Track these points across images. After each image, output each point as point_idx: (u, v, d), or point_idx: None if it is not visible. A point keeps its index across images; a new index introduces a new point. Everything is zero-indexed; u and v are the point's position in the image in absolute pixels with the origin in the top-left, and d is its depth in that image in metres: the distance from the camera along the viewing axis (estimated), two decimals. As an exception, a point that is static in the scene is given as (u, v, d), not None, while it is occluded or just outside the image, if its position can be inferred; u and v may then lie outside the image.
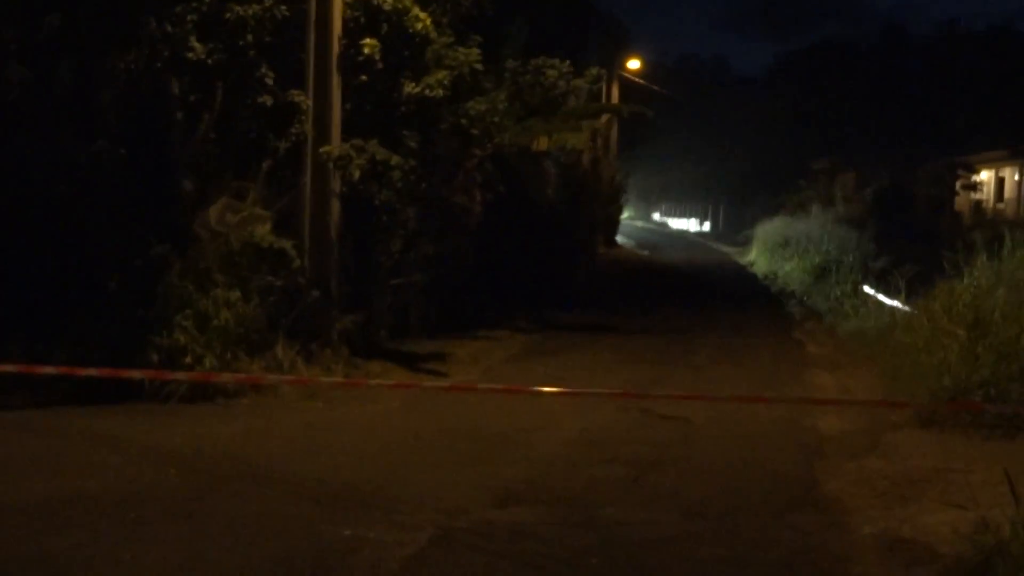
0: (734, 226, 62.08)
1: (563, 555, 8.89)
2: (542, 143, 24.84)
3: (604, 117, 35.47)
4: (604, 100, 40.40)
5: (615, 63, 47.55)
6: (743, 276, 44.69)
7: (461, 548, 8.96)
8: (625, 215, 62.77)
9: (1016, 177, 50.56)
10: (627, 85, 51.88)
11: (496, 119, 21.65)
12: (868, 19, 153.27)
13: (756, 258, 48.68)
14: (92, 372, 12.95)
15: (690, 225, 77.20)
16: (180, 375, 14.63)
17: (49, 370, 13.39)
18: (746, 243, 55.48)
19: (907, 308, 19.91)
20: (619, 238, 50.56)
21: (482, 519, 9.84)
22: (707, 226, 73.08)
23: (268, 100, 18.60)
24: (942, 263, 19.47)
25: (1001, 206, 50.92)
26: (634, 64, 52.70)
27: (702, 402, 15.84)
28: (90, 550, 8.59)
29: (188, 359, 15.84)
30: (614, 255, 49.85)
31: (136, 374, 13.82)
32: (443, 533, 9.28)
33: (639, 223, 76.15)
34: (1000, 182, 52.52)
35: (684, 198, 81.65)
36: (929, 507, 10.33)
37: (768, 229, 50.78)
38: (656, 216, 78.25)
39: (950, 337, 15.92)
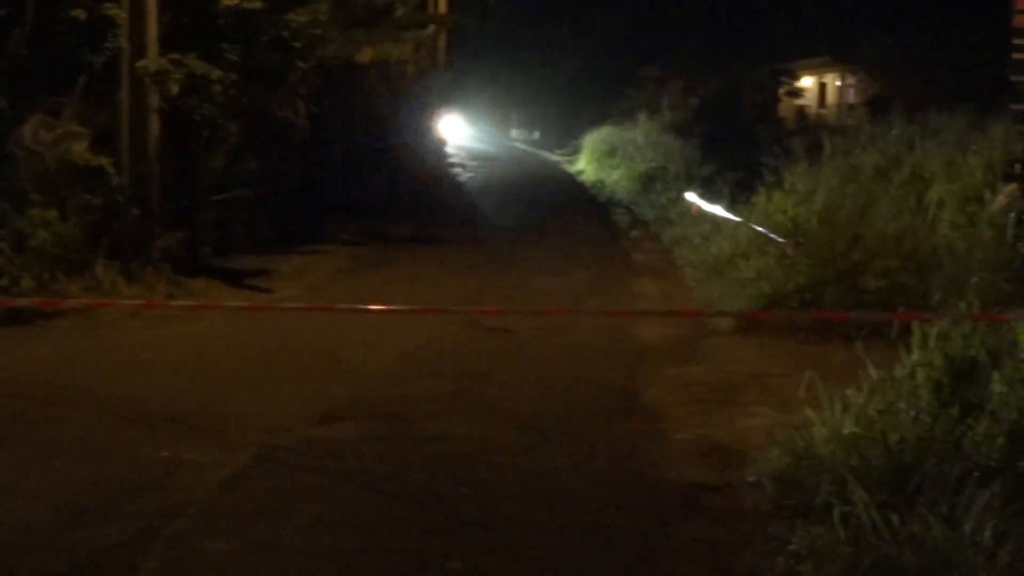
0: (564, 135, 62.15)
1: (384, 470, 8.93)
2: (366, 55, 24.61)
3: (431, 28, 35.16)
4: (431, 9, 39.99)
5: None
6: (570, 185, 44.79)
7: (281, 466, 8.95)
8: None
9: (837, 83, 51.46)
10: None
11: (318, 31, 21.40)
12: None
13: (585, 167, 48.83)
14: None
15: (521, 135, 77.10)
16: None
17: None
18: (575, 152, 55.65)
19: (729, 215, 20.20)
20: (450, 150, 50.35)
21: (304, 437, 9.84)
22: (537, 135, 72.99)
23: (81, 14, 18.12)
24: (763, 170, 19.83)
25: (824, 111, 51.82)
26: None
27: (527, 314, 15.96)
28: None
29: (4, 281, 15.48)
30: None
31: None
32: (264, 452, 9.26)
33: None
34: (822, 88, 53.41)
35: (515, 108, 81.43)
36: (745, 412, 10.56)
37: (596, 138, 50.98)
38: (513, 133, 77.93)
39: (768, 244, 16.24)
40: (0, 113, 17.52)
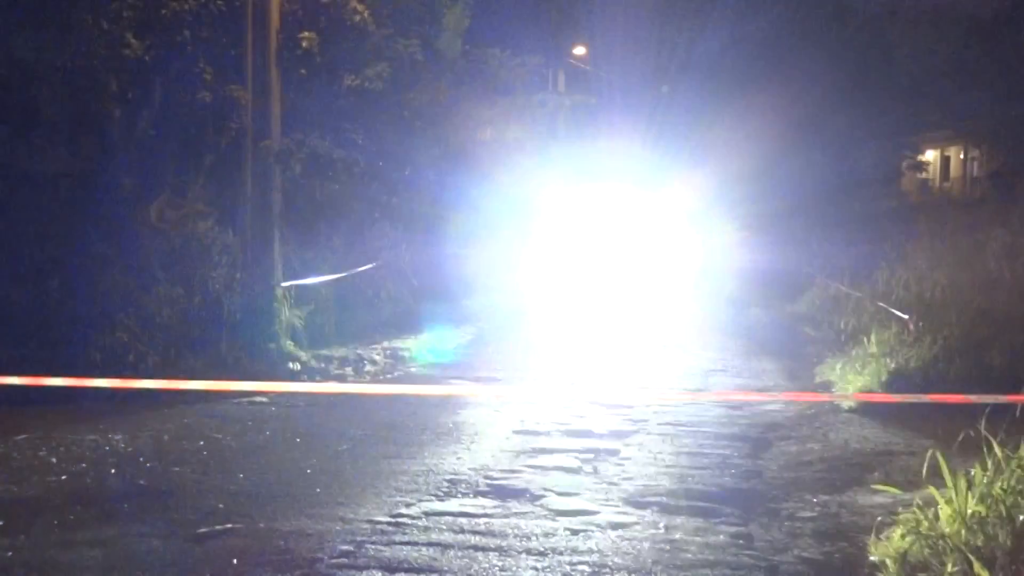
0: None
1: (506, 545, 8.89)
2: (485, 133, 24.86)
3: (548, 105, 35.44)
4: (550, 88, 40.33)
5: (561, 50, 47.46)
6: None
7: (402, 540, 8.95)
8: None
9: (961, 156, 50.90)
10: (574, 72, 51.75)
11: (439, 110, 21.66)
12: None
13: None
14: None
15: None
16: (102, 382, 14.35)
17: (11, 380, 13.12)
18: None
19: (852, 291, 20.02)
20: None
21: (425, 510, 9.84)
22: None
23: (207, 96, 18.53)
24: (887, 245, 19.64)
25: (947, 185, 51.26)
26: (580, 51, 52.57)
27: (649, 395, 15.93)
28: (29, 552, 8.57)
29: (131, 357, 15.76)
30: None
31: (58, 382, 13.50)
32: (386, 525, 9.28)
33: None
34: (945, 161, 52.88)
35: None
36: (867, 489, 10.40)
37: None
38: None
39: (891, 319, 16.06)
40: (127, 192, 17.91)
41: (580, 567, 8.40)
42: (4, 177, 17.07)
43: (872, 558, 8.43)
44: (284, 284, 18.66)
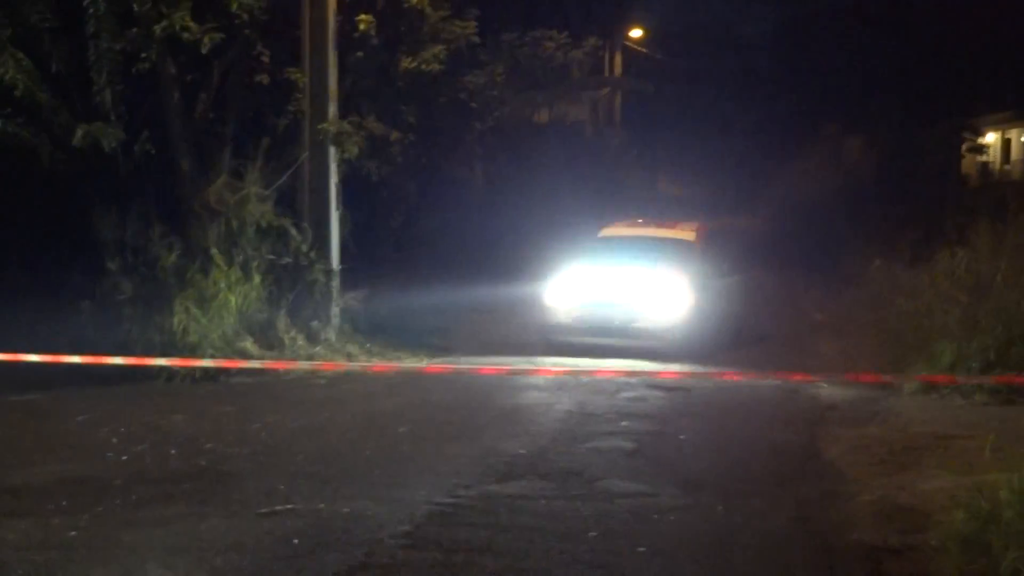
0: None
1: (562, 528, 8.87)
2: (542, 116, 24.80)
3: (604, 89, 35.34)
4: (606, 71, 40.20)
5: (617, 32, 47.27)
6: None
7: (459, 523, 8.94)
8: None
9: (1022, 139, 50.41)
10: (632, 54, 51.53)
11: (495, 92, 21.63)
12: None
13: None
14: (76, 359, 13.01)
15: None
16: (165, 361, 14.50)
17: (74, 359, 13.26)
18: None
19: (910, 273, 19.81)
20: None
21: (482, 493, 9.84)
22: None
23: (265, 78, 18.62)
24: (946, 227, 19.45)
25: (1008, 168, 50.78)
26: (637, 33, 52.29)
27: (707, 376, 15.88)
28: (92, 531, 8.64)
29: (192, 338, 15.88)
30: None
31: (118, 360, 13.64)
32: (442, 508, 9.29)
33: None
34: (1006, 144, 52.38)
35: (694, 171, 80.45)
36: (928, 473, 10.33)
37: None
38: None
39: (951, 302, 15.91)
40: (186, 175, 18.02)
41: (638, 550, 8.38)
42: (66, 162, 17.25)
43: (933, 542, 8.36)
44: (341, 266, 18.73)
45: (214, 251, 16.84)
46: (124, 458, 11.12)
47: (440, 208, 22.47)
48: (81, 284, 16.55)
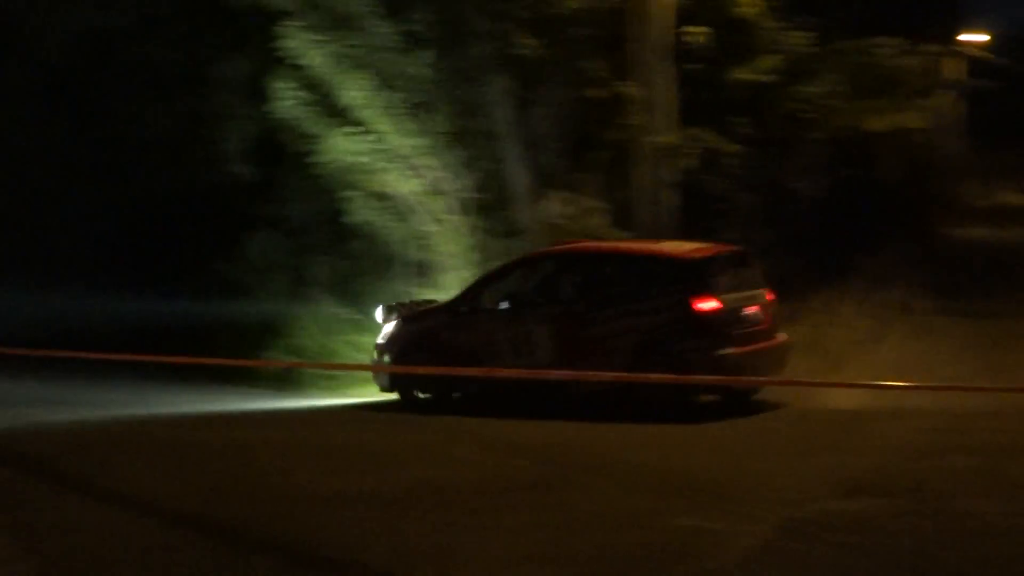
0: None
1: (912, 546, 8.57)
2: (878, 124, 24.16)
3: (944, 95, 34.17)
4: (944, 74, 38.85)
5: (954, 37, 45.55)
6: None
7: (804, 539, 8.72)
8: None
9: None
10: (973, 61, 49.52)
11: (833, 102, 21.25)
12: None
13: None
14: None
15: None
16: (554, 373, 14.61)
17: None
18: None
19: None
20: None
21: (826, 509, 9.58)
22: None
23: (600, 93, 18.72)
24: None
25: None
26: (978, 38, 50.18)
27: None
28: (441, 536, 8.82)
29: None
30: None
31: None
32: (786, 524, 9.09)
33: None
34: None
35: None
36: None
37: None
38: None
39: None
40: (524, 189, 18.28)
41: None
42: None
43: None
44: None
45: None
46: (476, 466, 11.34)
47: (777, 222, 22.05)
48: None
